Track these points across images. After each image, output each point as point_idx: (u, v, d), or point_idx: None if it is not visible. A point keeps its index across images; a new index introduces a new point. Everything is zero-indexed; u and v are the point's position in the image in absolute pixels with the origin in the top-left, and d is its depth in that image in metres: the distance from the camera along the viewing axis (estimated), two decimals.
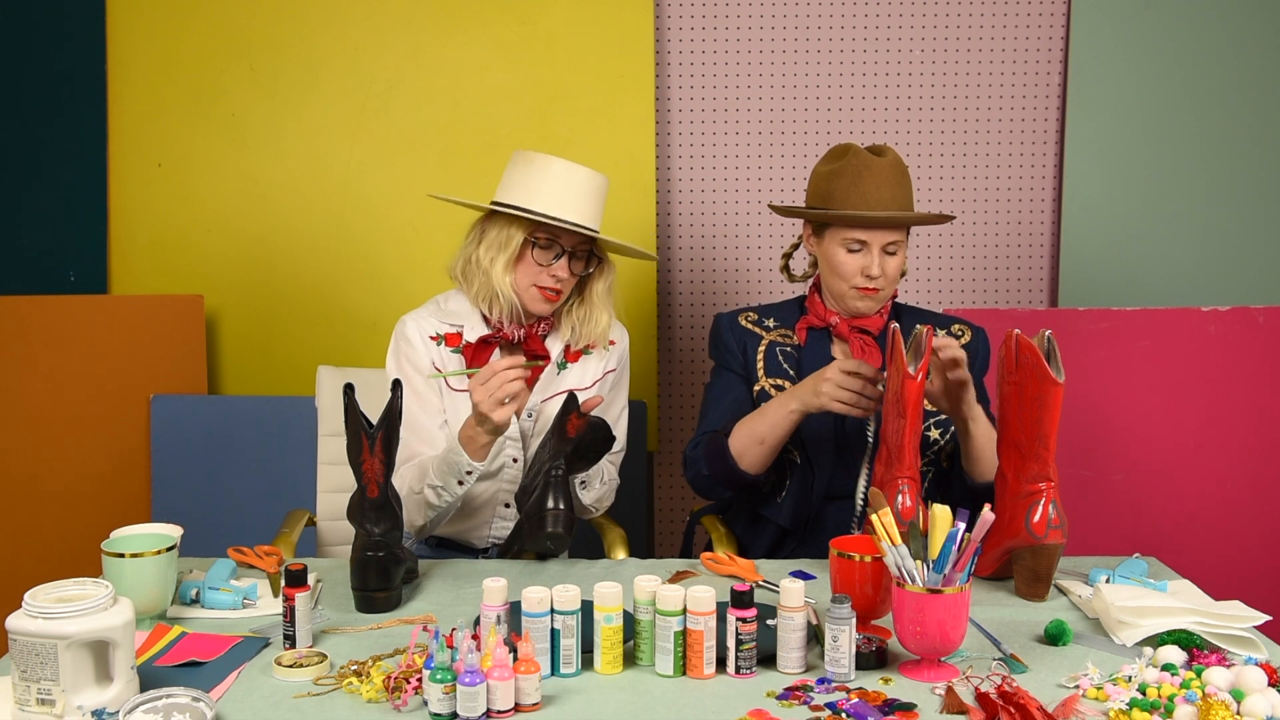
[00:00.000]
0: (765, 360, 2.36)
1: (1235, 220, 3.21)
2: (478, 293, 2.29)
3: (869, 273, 2.24)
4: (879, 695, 1.59)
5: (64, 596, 1.53)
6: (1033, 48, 3.20)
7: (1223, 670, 1.58)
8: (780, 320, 2.41)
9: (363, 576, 1.89)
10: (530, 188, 2.25)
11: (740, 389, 2.37)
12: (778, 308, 2.45)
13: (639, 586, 1.70)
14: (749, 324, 2.41)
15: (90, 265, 3.13)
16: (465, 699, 1.52)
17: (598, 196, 2.29)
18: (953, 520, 1.68)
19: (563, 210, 2.23)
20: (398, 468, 2.25)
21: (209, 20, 3.10)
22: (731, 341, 2.39)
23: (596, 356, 2.37)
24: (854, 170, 2.24)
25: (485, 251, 2.27)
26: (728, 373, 2.40)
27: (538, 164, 2.27)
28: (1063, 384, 1.87)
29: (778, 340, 2.38)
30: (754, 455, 2.24)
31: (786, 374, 2.34)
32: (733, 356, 2.39)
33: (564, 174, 2.25)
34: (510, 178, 2.30)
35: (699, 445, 2.33)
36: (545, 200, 2.24)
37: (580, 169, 2.26)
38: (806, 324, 2.37)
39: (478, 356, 2.29)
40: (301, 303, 3.16)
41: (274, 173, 3.14)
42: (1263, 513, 3.09)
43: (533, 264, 2.26)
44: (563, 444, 2.12)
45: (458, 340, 2.31)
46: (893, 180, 2.24)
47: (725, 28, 3.18)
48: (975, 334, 2.41)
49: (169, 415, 3.05)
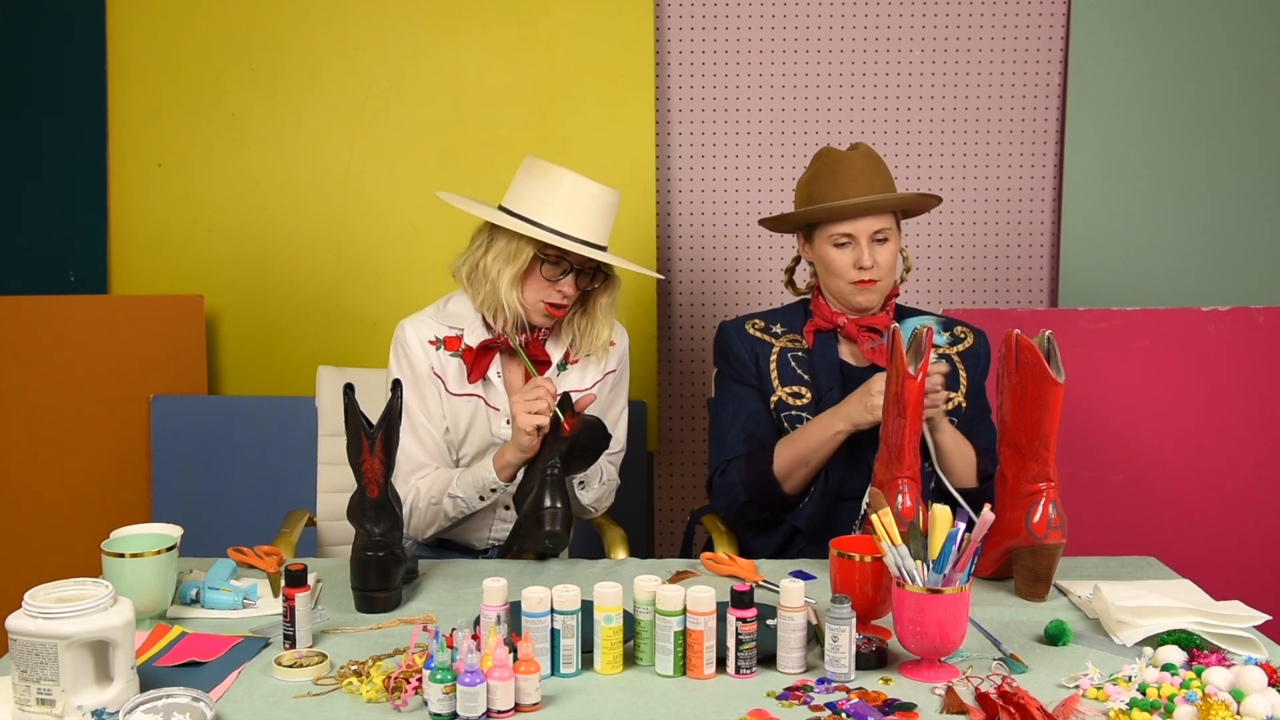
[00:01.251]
0: (779, 368, 2.35)
1: (1235, 220, 3.21)
2: (483, 301, 2.28)
3: (861, 264, 2.25)
4: (879, 695, 1.59)
5: (64, 596, 1.53)
6: (1033, 48, 3.20)
7: (1223, 670, 1.58)
8: (787, 325, 2.40)
9: (363, 576, 1.89)
10: (540, 200, 2.22)
11: (753, 404, 2.35)
12: (782, 312, 2.44)
13: (639, 586, 1.70)
14: (757, 332, 2.39)
15: (90, 265, 3.13)
16: (465, 699, 1.52)
17: (608, 212, 2.26)
18: (953, 520, 1.68)
19: (572, 226, 2.21)
20: (402, 472, 2.25)
21: (209, 20, 3.10)
22: (742, 351, 2.37)
23: (596, 358, 2.37)
24: (828, 168, 2.28)
25: (493, 262, 2.25)
26: (738, 385, 2.37)
27: (551, 176, 2.24)
28: (1063, 384, 1.87)
29: (788, 346, 2.37)
30: (799, 477, 2.26)
31: (801, 380, 2.33)
32: (744, 367, 2.37)
33: (575, 188, 2.22)
34: (522, 185, 2.27)
35: (728, 471, 2.32)
36: (555, 215, 2.21)
37: (591, 184, 2.23)
38: (813, 326, 2.36)
39: (478, 361, 2.29)
40: (301, 303, 3.16)
41: (274, 173, 3.14)
42: (1263, 512, 3.09)
43: (540, 279, 2.24)
44: (558, 443, 2.12)
45: (457, 344, 2.31)
46: (867, 169, 2.27)
47: (725, 28, 3.18)
48: (976, 337, 2.41)
49: (169, 415, 3.05)
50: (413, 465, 2.27)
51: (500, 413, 2.29)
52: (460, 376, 2.30)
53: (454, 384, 2.30)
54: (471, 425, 2.29)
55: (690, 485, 3.29)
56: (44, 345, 3.03)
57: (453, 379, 2.30)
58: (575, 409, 2.14)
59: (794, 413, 2.32)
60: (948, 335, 2.39)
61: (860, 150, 2.29)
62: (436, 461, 2.30)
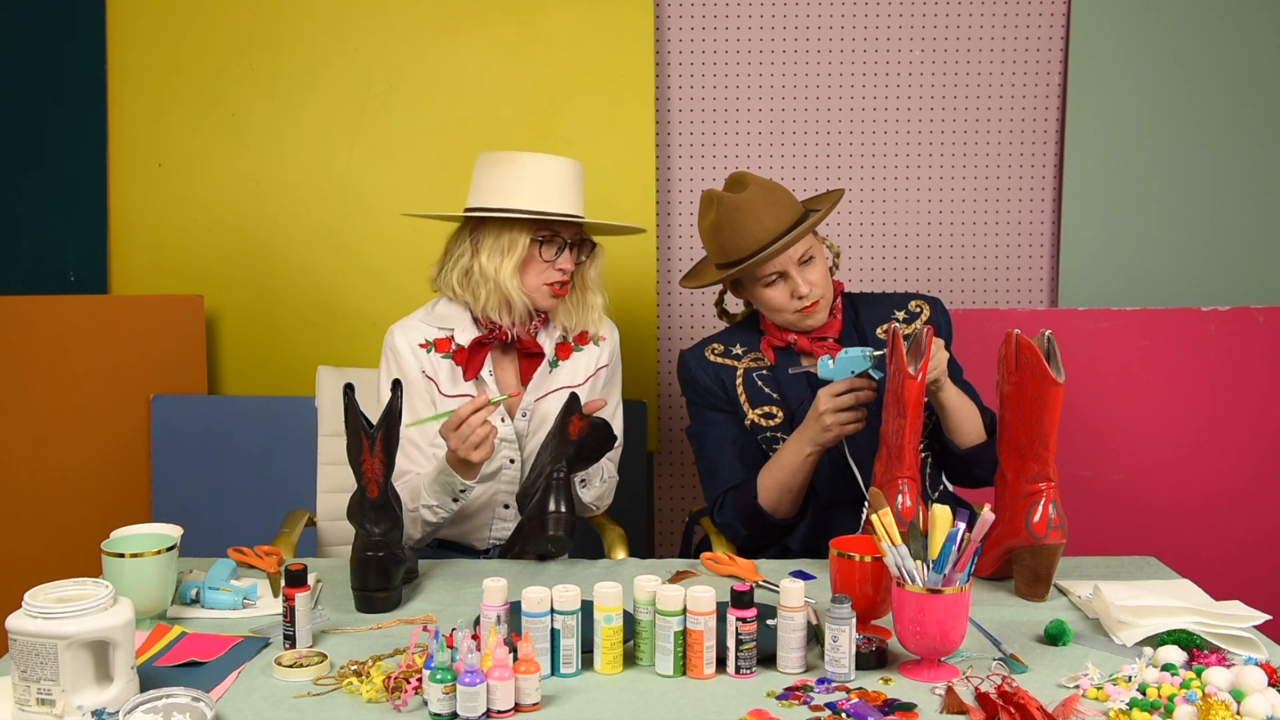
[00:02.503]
0: (746, 390, 2.33)
1: (1235, 220, 3.21)
2: (485, 302, 2.27)
3: (798, 294, 2.23)
4: (879, 695, 1.59)
5: (64, 596, 1.53)
6: (1033, 48, 3.20)
7: (1223, 670, 1.58)
8: (745, 344, 2.37)
9: (363, 577, 1.89)
10: (512, 188, 2.23)
11: (734, 429, 2.33)
12: (736, 332, 2.40)
13: (639, 586, 1.70)
14: (718, 357, 2.36)
15: (90, 265, 3.13)
16: (465, 699, 1.52)
17: (578, 182, 2.29)
18: (953, 520, 1.68)
19: (554, 202, 2.23)
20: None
21: (209, 20, 3.10)
22: (706, 380, 2.35)
23: (587, 353, 2.37)
24: (728, 217, 2.21)
25: (489, 260, 2.25)
26: (714, 414, 2.35)
27: (515, 163, 2.25)
28: (1063, 384, 1.87)
29: (752, 366, 2.34)
30: (786, 504, 2.25)
31: (770, 399, 2.32)
32: (713, 395, 2.35)
33: (541, 167, 2.24)
34: (486, 181, 2.27)
35: (724, 508, 2.30)
36: (534, 196, 2.22)
37: (553, 159, 2.25)
38: (769, 343, 2.34)
39: (472, 359, 2.29)
40: (301, 303, 3.16)
41: (274, 173, 3.14)
42: (1263, 512, 3.09)
43: (539, 263, 2.26)
44: (564, 446, 2.12)
45: (448, 345, 2.31)
46: (763, 205, 2.20)
47: (725, 28, 3.18)
48: (933, 306, 2.40)
49: (169, 415, 3.05)
50: (394, 473, 2.24)
51: (496, 410, 2.29)
52: (452, 378, 2.30)
53: (447, 385, 2.30)
54: None
55: (690, 485, 3.29)
56: (44, 345, 3.03)
57: (445, 381, 2.30)
58: (583, 412, 2.14)
59: (769, 434, 2.31)
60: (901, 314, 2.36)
61: (750, 187, 2.21)
62: (420, 467, 2.30)
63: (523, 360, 2.35)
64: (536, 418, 2.31)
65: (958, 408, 2.20)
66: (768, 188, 2.23)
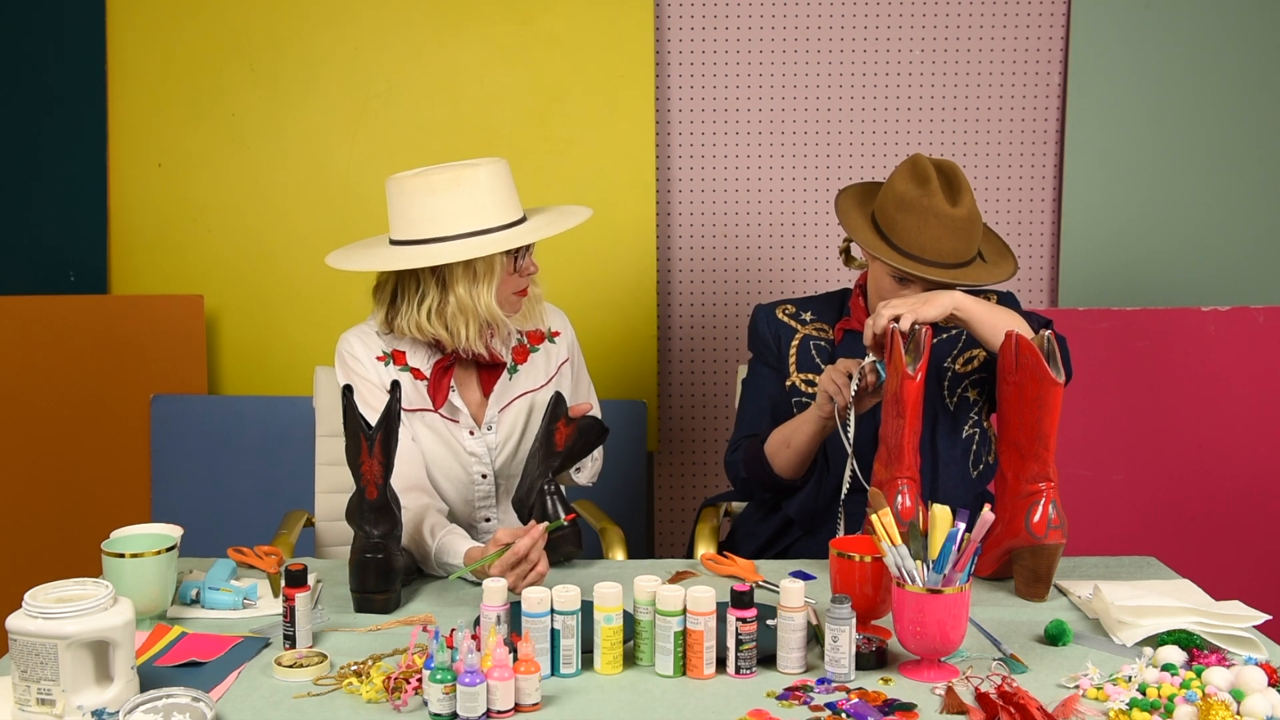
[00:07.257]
0: (798, 354, 2.34)
1: (1236, 220, 3.21)
2: (467, 334, 2.14)
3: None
4: (879, 695, 1.60)
5: (64, 596, 1.53)
6: (1033, 48, 3.20)
7: (1223, 670, 1.58)
8: (818, 314, 2.37)
9: (361, 578, 1.89)
10: (463, 210, 2.10)
11: (776, 386, 2.35)
12: (818, 301, 2.41)
13: (639, 587, 1.70)
14: (785, 316, 2.38)
15: (90, 265, 3.13)
16: (465, 699, 1.52)
17: (510, 181, 2.18)
18: (953, 520, 1.68)
19: (505, 213, 2.14)
20: None
21: (209, 20, 3.10)
22: (767, 334, 2.37)
23: (544, 352, 2.30)
24: (921, 213, 2.12)
25: (466, 293, 2.11)
26: (763, 368, 2.38)
27: (461, 183, 2.11)
28: (1062, 384, 1.87)
29: (812, 335, 2.35)
30: (783, 459, 2.25)
31: (817, 368, 2.31)
32: (768, 350, 2.37)
33: (474, 180, 2.12)
34: (423, 208, 2.12)
35: (738, 449, 2.34)
36: (489, 213, 2.11)
37: (482, 166, 2.13)
38: (846, 325, 2.33)
39: (438, 385, 2.20)
40: (301, 303, 3.16)
41: (274, 173, 3.14)
42: (1263, 513, 3.09)
43: (511, 275, 2.16)
44: (551, 459, 2.08)
45: (404, 359, 2.22)
46: (957, 233, 2.12)
47: (725, 28, 3.18)
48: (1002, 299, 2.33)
49: (169, 415, 3.05)
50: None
51: (460, 424, 2.22)
52: (414, 393, 2.21)
53: (409, 400, 2.20)
54: (433, 438, 2.22)
55: (690, 485, 3.29)
56: (44, 345, 3.03)
57: (406, 396, 2.18)
58: (569, 417, 2.09)
59: (804, 399, 2.31)
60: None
61: (963, 208, 2.12)
62: (400, 481, 2.11)
63: (481, 373, 2.26)
64: (503, 429, 2.25)
65: (981, 315, 2.07)
66: (971, 221, 2.13)
